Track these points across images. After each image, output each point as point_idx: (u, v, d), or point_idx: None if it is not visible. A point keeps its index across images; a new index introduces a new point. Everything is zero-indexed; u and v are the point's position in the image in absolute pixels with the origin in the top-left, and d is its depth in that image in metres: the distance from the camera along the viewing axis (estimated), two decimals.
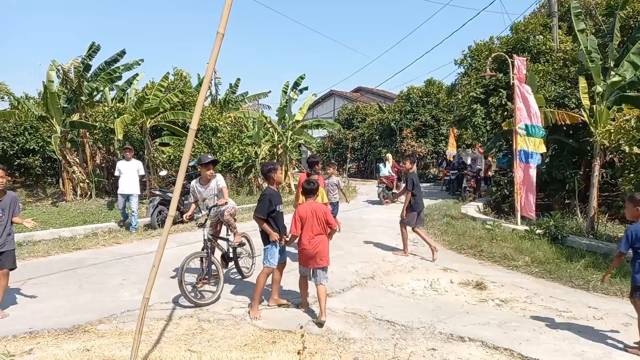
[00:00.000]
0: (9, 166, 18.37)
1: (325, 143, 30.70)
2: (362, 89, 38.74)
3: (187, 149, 3.50)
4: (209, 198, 5.94)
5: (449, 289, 5.93)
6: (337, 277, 6.47)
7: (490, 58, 12.16)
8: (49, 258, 7.67)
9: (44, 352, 4.01)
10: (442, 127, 24.86)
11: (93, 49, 15.82)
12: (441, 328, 4.59)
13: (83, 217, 11.90)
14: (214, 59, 3.35)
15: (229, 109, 20.62)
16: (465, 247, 8.22)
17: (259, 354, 3.99)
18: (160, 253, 3.37)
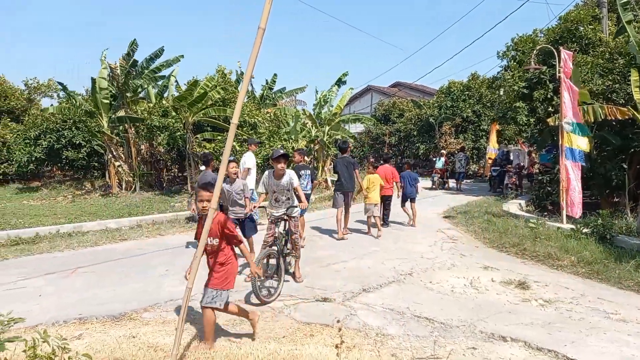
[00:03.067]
0: (57, 160, 19.30)
1: (362, 138, 30.54)
2: (400, 84, 38.27)
3: (229, 144, 3.56)
4: (279, 192, 5.90)
5: (490, 288, 5.79)
6: (374, 272, 6.45)
7: (535, 50, 11.73)
8: (96, 248, 8.01)
9: (93, 338, 4.19)
10: (483, 123, 24.19)
11: (133, 47, 16.34)
12: (482, 327, 4.49)
13: (128, 209, 12.33)
14: (255, 53, 3.39)
15: (267, 105, 20.84)
16: (507, 246, 8.01)
17: (296, 346, 4.02)
18: (203, 243, 3.46)
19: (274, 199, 5.97)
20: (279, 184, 5.86)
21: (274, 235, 5.74)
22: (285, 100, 24.39)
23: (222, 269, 3.97)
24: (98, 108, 15.79)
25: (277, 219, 5.88)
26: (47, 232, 9.09)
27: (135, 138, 16.94)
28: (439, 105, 25.45)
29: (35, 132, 18.12)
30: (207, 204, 3.72)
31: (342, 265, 6.87)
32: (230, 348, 3.94)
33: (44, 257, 7.36)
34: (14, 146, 18.84)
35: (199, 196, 3.86)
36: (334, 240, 8.67)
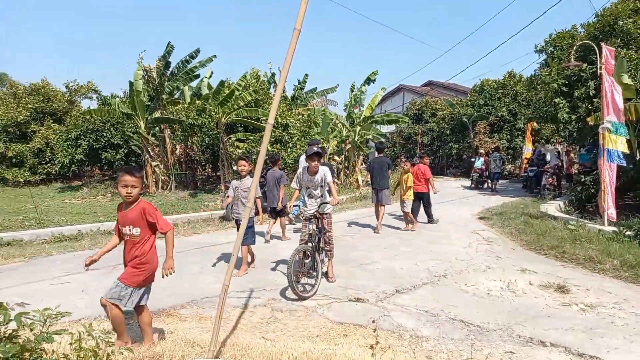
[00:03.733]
0: (97, 160, 20.00)
1: (394, 138, 30.28)
2: (432, 83, 37.73)
3: (264, 144, 3.60)
4: (313, 188, 5.94)
5: (528, 291, 5.65)
6: (407, 274, 6.40)
7: (575, 46, 11.35)
8: None
9: (133, 333, 4.31)
10: (519, 122, 23.54)
11: (169, 49, 16.74)
12: (519, 331, 4.39)
13: (164, 208, 12.65)
14: (291, 54, 3.42)
15: (298, 105, 20.95)
16: (545, 248, 7.78)
17: (330, 346, 4.04)
18: (239, 243, 3.51)
19: (308, 194, 6.00)
20: (312, 180, 5.90)
21: (309, 233, 5.79)
22: (316, 100, 24.46)
23: (137, 263, 3.77)
24: (135, 109, 16.27)
25: (310, 216, 5.92)
26: (89, 230, 9.42)
27: (170, 139, 17.36)
28: (472, 104, 24.96)
29: (76, 133, 18.82)
30: (132, 190, 3.57)
31: (374, 265, 6.84)
32: (265, 345, 3.99)
33: (86, 253, 7.62)
34: (57, 147, 19.63)
35: (123, 181, 3.56)
36: (366, 241, 8.65)
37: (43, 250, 7.81)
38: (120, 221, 3.73)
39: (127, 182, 3.57)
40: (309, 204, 5.99)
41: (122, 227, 3.73)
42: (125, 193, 3.58)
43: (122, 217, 3.72)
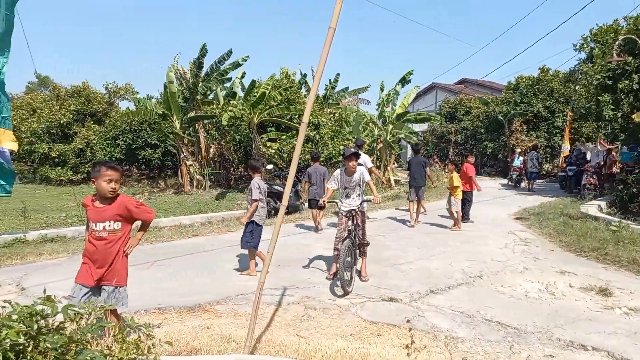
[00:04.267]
0: (134, 159, 20.62)
1: (426, 137, 29.88)
2: (466, 81, 37.03)
3: (299, 143, 3.63)
4: (350, 188, 6.02)
5: (568, 293, 5.48)
6: (442, 274, 6.31)
7: (618, 40, 10.91)
8: (172, 242, 8.46)
9: (171, 327, 4.43)
10: (557, 119, 22.77)
11: (203, 51, 17.06)
12: (559, 334, 4.26)
13: (199, 206, 12.92)
14: (326, 53, 3.43)
15: (330, 105, 20.98)
16: (586, 250, 7.52)
17: (363, 345, 4.03)
18: (274, 240, 3.56)
19: (345, 194, 6.09)
20: (350, 180, 5.97)
21: (347, 229, 5.89)
22: (348, 99, 24.42)
23: (120, 259, 3.58)
24: (170, 110, 16.67)
25: (347, 213, 5.98)
26: None
27: (205, 139, 17.70)
28: (507, 102, 24.34)
29: (114, 133, 19.45)
30: (115, 185, 3.44)
31: (408, 265, 6.79)
32: (299, 343, 4.02)
33: None
34: (97, 147, 20.34)
35: (107, 176, 3.39)
36: (399, 240, 8.58)
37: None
38: (96, 218, 3.47)
39: (111, 176, 3.42)
40: (345, 203, 6.04)
41: (97, 224, 3.46)
42: (110, 188, 3.41)
43: (98, 213, 3.48)
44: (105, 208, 3.49)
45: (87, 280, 3.49)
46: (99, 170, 3.43)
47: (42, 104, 24.41)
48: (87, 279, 3.49)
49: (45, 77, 43.54)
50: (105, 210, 3.48)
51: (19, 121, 22.66)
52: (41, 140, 22.29)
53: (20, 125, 22.43)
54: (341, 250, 5.49)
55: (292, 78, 19.13)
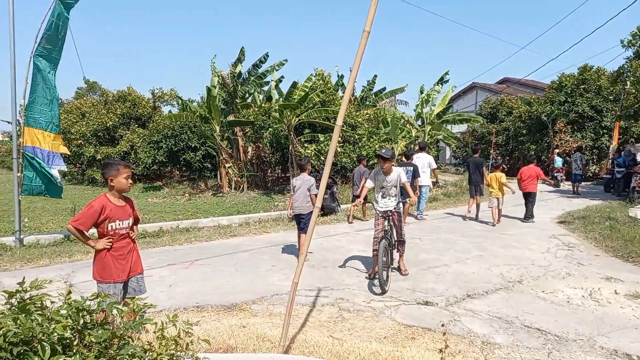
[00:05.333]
0: (176, 161, 21.22)
1: (466, 138, 29.26)
2: (508, 80, 36.02)
3: (333, 145, 3.67)
4: (387, 188, 6.12)
5: (613, 300, 5.26)
6: (479, 278, 6.19)
7: None
8: (211, 242, 8.67)
9: (208, 325, 4.55)
10: (604, 119, 21.72)
11: (241, 55, 17.38)
12: (603, 342, 4.10)
13: (237, 207, 13.17)
14: (360, 56, 3.45)
15: (367, 106, 20.92)
16: (634, 255, 7.19)
17: (397, 348, 4.02)
18: (308, 241, 3.60)
19: (382, 194, 6.18)
20: (386, 179, 6.07)
21: (384, 229, 5.99)
22: (385, 101, 24.26)
23: (136, 249, 3.94)
24: (211, 113, 17.07)
25: (383, 213, 6.09)
26: (169, 227, 10.05)
27: (243, 141, 18.03)
28: (550, 101, 23.47)
29: (158, 137, 20.10)
30: (131, 181, 3.77)
31: (444, 269, 6.69)
32: (333, 344, 4.05)
33: (167, 249, 8.14)
34: (140, 150, 21.09)
35: (125, 173, 3.69)
36: (436, 243, 8.46)
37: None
38: (122, 216, 3.74)
39: (128, 173, 3.71)
40: (381, 203, 6.17)
41: (123, 221, 3.74)
42: (130, 183, 3.71)
43: (122, 211, 3.74)
44: (125, 206, 3.80)
45: (122, 276, 3.75)
46: (118, 169, 3.68)
47: (90, 108, 25.55)
48: (121, 275, 3.74)
49: (94, 83, 45.47)
50: (125, 208, 3.78)
51: (69, 124, 23.80)
52: (89, 143, 23.32)
53: (70, 127, 23.54)
54: (379, 250, 5.62)
55: (327, 80, 19.21)
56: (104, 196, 3.71)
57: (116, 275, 3.71)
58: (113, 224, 3.66)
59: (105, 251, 3.67)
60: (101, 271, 3.70)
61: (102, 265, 3.70)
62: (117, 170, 3.67)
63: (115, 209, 3.68)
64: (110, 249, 3.69)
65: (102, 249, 3.65)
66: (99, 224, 3.62)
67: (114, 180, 3.67)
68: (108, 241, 3.65)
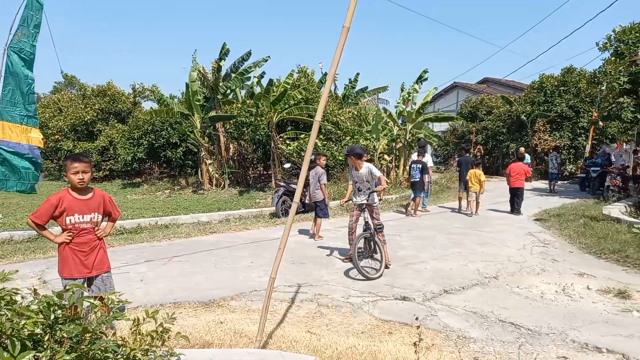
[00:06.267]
0: (156, 158, 20.97)
1: (447, 137, 29.57)
2: (488, 80, 36.54)
3: (312, 141, 3.68)
4: (360, 183, 6.61)
5: (585, 296, 5.39)
6: (456, 274, 6.28)
7: None
8: (190, 239, 8.61)
9: (185, 321, 4.53)
10: (581, 120, 22.23)
11: (224, 51, 17.24)
12: (574, 336, 4.21)
13: (217, 204, 13.09)
14: (339, 52, 3.46)
15: (349, 104, 20.98)
16: (606, 252, 7.37)
17: (374, 343, 4.05)
18: (285, 236, 3.61)
19: (357, 188, 6.70)
20: (358, 175, 6.57)
21: (357, 222, 6.64)
22: (367, 99, 24.36)
23: (102, 246, 3.82)
24: (191, 109, 16.91)
25: (358, 206, 6.65)
26: (147, 224, 9.93)
27: (225, 138, 17.92)
28: (530, 101, 23.91)
29: (138, 133, 19.83)
30: (83, 175, 3.54)
31: (422, 265, 6.76)
32: (311, 339, 4.07)
33: (145, 246, 8.06)
34: (120, 145, 20.78)
35: (73, 168, 3.52)
36: (415, 240, 8.55)
37: (106, 242, 8.29)
38: (81, 209, 3.60)
39: (77, 168, 3.53)
40: (357, 196, 6.70)
41: (83, 216, 3.61)
42: (78, 179, 3.52)
43: (82, 205, 3.62)
44: (89, 200, 3.66)
45: (82, 272, 3.64)
46: (66, 165, 3.60)
47: (68, 103, 25.06)
48: (81, 271, 3.64)
49: (72, 77, 44.59)
50: (88, 202, 3.65)
51: (46, 119, 23.31)
52: (67, 137, 22.88)
53: (47, 122, 23.06)
54: (355, 240, 6.25)
55: (311, 77, 19.19)
56: (66, 190, 3.63)
57: (75, 271, 3.61)
58: (71, 217, 3.55)
59: (64, 245, 3.59)
60: (61, 266, 3.64)
61: (62, 259, 3.63)
62: (66, 167, 3.60)
63: (74, 203, 3.57)
64: (70, 244, 3.60)
65: (62, 242, 3.58)
66: (57, 217, 3.54)
67: (66, 177, 3.62)
68: (67, 235, 3.56)
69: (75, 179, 3.52)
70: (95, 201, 3.70)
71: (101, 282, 3.78)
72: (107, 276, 3.85)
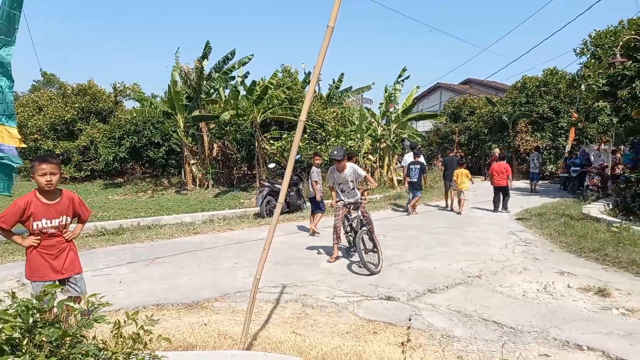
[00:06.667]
0: (138, 158, 20.68)
1: (430, 137, 29.82)
2: (471, 81, 37.00)
3: (296, 140, 3.66)
4: (344, 184, 6.81)
5: (566, 294, 5.48)
6: (440, 273, 6.32)
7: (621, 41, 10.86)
8: (173, 240, 8.51)
9: (168, 323, 4.47)
10: (561, 120, 22.65)
11: (207, 50, 17.09)
12: (555, 334, 4.27)
13: (201, 205, 12.97)
14: (324, 52, 3.45)
15: (333, 104, 20.99)
16: (586, 251, 7.51)
17: (360, 343, 4.06)
18: (270, 237, 3.58)
19: (340, 190, 6.83)
20: (342, 177, 6.73)
21: (342, 221, 6.83)
22: (351, 99, 24.41)
23: (72, 248, 3.72)
24: (174, 109, 16.73)
25: (346, 204, 6.81)
26: (130, 225, 9.79)
27: (208, 138, 17.77)
28: (512, 102, 24.26)
29: (119, 133, 19.55)
30: (51, 177, 3.41)
31: (407, 265, 6.80)
32: (296, 340, 4.05)
33: (127, 247, 7.94)
34: (101, 145, 20.46)
35: (40, 170, 3.38)
36: (400, 240, 8.59)
37: (86, 244, 8.17)
38: (49, 214, 3.49)
39: (44, 170, 3.40)
40: (342, 196, 6.86)
41: (52, 220, 3.51)
42: (46, 181, 3.40)
43: (50, 209, 3.50)
44: (58, 203, 3.55)
45: (52, 275, 3.56)
46: (33, 166, 3.45)
47: (47, 101, 24.57)
48: (51, 274, 3.56)
49: (51, 75, 43.75)
50: (57, 205, 3.54)
51: (25, 118, 22.83)
52: (46, 137, 22.44)
53: (26, 121, 22.59)
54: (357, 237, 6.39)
55: (295, 76, 19.14)
56: (33, 193, 3.50)
57: (46, 274, 3.53)
58: (38, 222, 3.45)
59: (32, 249, 3.50)
60: (30, 270, 3.55)
61: (31, 263, 3.54)
62: (33, 168, 3.44)
63: (41, 207, 3.47)
64: (38, 247, 3.50)
65: (29, 246, 3.49)
66: (24, 221, 3.44)
67: (33, 179, 3.48)
68: (35, 239, 3.47)
69: (43, 181, 3.40)
70: (64, 204, 3.59)
71: (74, 284, 3.71)
72: (80, 278, 3.77)
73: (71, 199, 3.66)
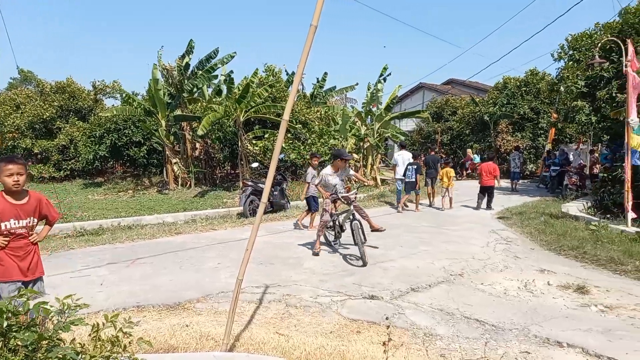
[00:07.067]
0: (119, 157, 20.36)
1: (414, 137, 30.01)
2: (453, 81, 37.37)
3: (279, 140, 3.63)
4: (338, 184, 7.44)
5: (546, 291, 5.56)
6: (423, 272, 6.36)
7: (599, 44, 11.08)
8: (154, 240, 8.39)
9: (149, 325, 4.40)
10: (541, 121, 23.06)
11: (190, 48, 16.90)
12: (536, 331, 4.32)
13: (183, 204, 12.83)
14: (307, 51, 3.43)
15: (317, 104, 20.97)
16: (566, 249, 7.64)
17: (343, 342, 4.05)
18: (253, 236, 3.55)
19: (333, 191, 7.35)
20: (338, 175, 7.40)
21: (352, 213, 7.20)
22: (335, 98, 24.43)
23: (36, 251, 3.65)
24: (156, 107, 16.51)
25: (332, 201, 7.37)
26: (110, 225, 9.63)
27: (191, 137, 17.58)
28: (493, 103, 24.57)
29: (100, 132, 19.21)
30: (18, 177, 3.37)
31: (390, 264, 6.82)
32: (279, 340, 4.03)
33: (107, 247, 7.80)
34: (81, 144, 20.08)
35: (7, 171, 3.34)
36: (383, 240, 8.61)
37: (65, 244, 8.00)
38: (17, 215, 3.44)
39: (11, 170, 3.34)
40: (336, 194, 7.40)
41: (19, 221, 3.46)
42: (13, 181, 3.35)
43: (19, 209, 3.45)
44: (25, 204, 3.50)
45: (20, 275, 3.49)
46: (0, 167, 3.39)
47: (25, 99, 24.01)
48: (19, 275, 3.49)
49: (29, 73, 42.85)
50: (25, 206, 3.49)
51: (2, 116, 22.30)
52: (24, 136, 21.94)
53: (3, 120, 22.07)
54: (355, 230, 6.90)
55: (278, 75, 19.06)
56: (0, 193, 3.44)
57: (15, 274, 3.46)
58: (7, 222, 3.39)
59: (0, 249, 3.43)
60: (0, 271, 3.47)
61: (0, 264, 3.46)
62: (0, 168, 3.38)
63: (8, 208, 3.40)
64: (6, 248, 3.43)
65: None
66: None
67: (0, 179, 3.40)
68: (4, 240, 3.39)
69: (10, 182, 3.34)
70: (31, 205, 3.53)
71: (37, 288, 3.60)
72: (41, 282, 3.71)
73: (38, 200, 3.60)
